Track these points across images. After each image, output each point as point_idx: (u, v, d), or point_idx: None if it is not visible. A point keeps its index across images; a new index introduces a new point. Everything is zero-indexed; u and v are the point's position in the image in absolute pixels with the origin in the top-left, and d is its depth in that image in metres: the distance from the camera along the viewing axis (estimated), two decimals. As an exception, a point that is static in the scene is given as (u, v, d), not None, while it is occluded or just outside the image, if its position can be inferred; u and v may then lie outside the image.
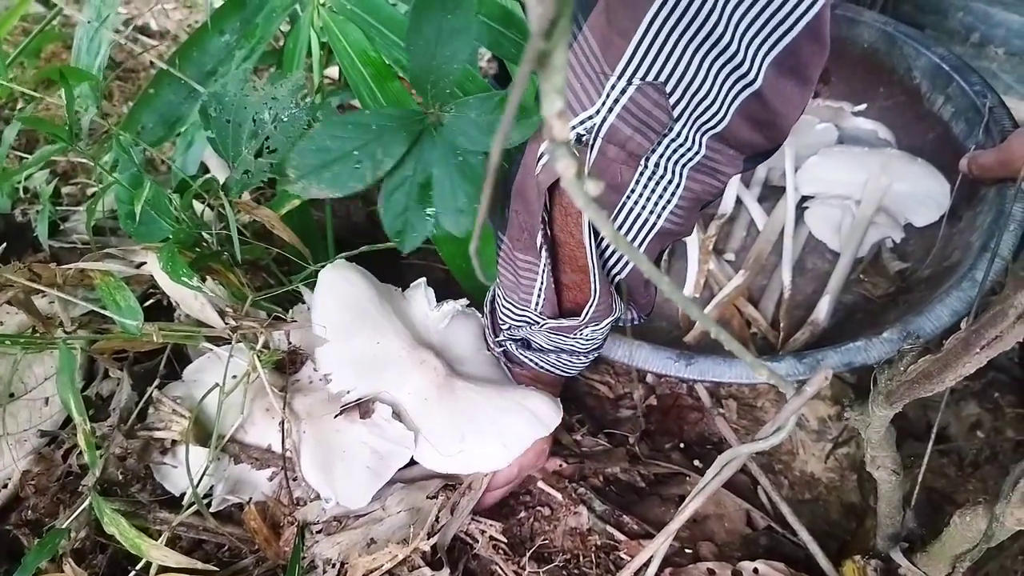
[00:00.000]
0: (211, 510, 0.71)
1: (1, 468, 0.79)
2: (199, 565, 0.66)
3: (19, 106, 1.50)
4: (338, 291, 0.72)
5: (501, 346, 0.78)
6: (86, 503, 0.69)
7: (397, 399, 0.71)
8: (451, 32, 0.62)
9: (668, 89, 0.52)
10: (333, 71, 1.13)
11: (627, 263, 0.65)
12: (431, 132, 0.66)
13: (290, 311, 0.79)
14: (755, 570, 0.73)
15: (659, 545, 0.50)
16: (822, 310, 0.93)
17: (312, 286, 0.77)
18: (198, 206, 0.81)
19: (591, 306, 0.64)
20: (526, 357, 0.76)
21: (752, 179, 1.12)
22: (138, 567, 0.68)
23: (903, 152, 0.99)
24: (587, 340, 0.71)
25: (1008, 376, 0.95)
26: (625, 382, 0.99)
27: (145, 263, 0.67)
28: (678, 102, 0.53)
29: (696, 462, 0.89)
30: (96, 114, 0.68)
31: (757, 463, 0.86)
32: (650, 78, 0.52)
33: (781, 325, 0.96)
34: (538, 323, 0.70)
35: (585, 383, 0.98)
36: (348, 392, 0.70)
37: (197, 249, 0.76)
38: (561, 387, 0.82)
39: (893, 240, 1.02)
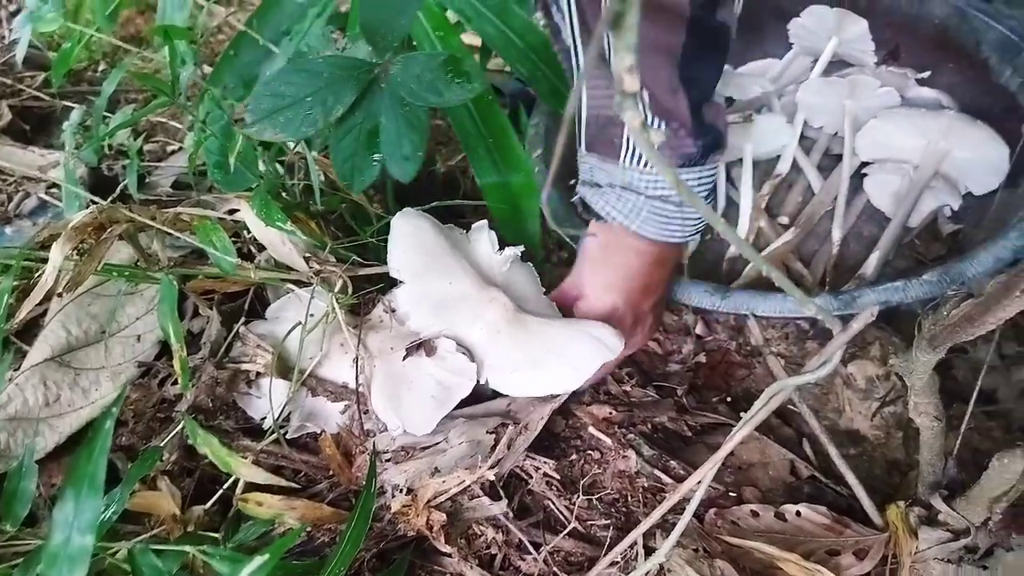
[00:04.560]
0: (288, 437, 0.77)
1: (100, 397, 0.87)
2: (283, 482, 0.72)
3: (101, 67, 1.59)
4: (411, 236, 0.77)
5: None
6: (179, 426, 0.76)
7: (471, 335, 0.77)
8: None
9: None
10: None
11: None
12: (379, 82, 0.70)
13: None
14: (798, 512, 0.76)
15: (706, 471, 0.54)
16: (871, 265, 0.94)
17: (378, 237, 0.82)
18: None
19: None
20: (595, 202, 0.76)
21: (813, 146, 1.13)
22: (225, 485, 0.75)
23: (964, 115, 0.99)
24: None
25: (1062, 343, 0.95)
26: (675, 338, 1.02)
27: (235, 211, 0.73)
28: None
29: (742, 414, 0.92)
30: (194, 72, 0.74)
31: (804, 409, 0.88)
32: None
33: (827, 280, 0.98)
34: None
35: (636, 338, 1.01)
36: (425, 329, 0.76)
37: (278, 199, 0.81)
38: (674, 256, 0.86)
39: (951, 208, 1.02)
